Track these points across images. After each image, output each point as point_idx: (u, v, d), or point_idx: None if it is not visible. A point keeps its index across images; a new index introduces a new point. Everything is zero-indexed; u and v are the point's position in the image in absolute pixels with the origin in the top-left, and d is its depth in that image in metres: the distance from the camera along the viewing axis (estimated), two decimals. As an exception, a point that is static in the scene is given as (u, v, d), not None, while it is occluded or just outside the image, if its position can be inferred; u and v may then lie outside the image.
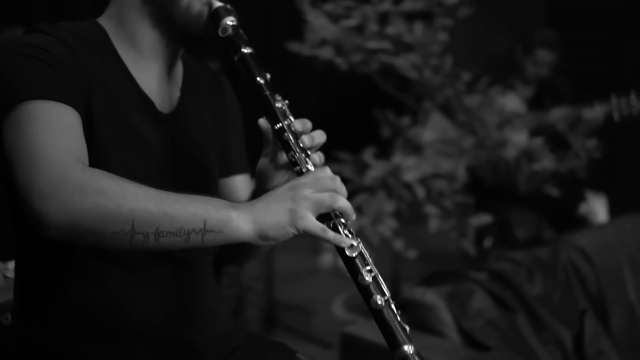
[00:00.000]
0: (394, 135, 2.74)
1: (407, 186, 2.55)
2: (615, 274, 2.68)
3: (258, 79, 1.26)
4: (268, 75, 1.27)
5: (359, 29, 2.68)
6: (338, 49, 2.58)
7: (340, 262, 1.19)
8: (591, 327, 2.40)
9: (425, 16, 2.85)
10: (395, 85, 2.81)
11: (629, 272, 2.71)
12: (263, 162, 1.32)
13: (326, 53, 2.55)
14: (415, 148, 2.83)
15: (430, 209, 2.59)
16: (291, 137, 1.23)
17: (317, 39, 2.55)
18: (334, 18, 2.68)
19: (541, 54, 3.90)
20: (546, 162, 2.70)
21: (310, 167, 1.21)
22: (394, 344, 1.15)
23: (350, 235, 1.18)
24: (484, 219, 2.64)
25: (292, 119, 1.25)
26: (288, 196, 1.15)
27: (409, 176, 2.52)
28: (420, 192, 2.52)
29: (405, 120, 2.71)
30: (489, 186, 3.26)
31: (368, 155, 2.61)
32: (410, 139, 2.70)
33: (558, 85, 4.01)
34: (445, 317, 2.20)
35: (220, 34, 1.27)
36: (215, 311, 1.46)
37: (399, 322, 1.17)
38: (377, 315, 1.16)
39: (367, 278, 1.16)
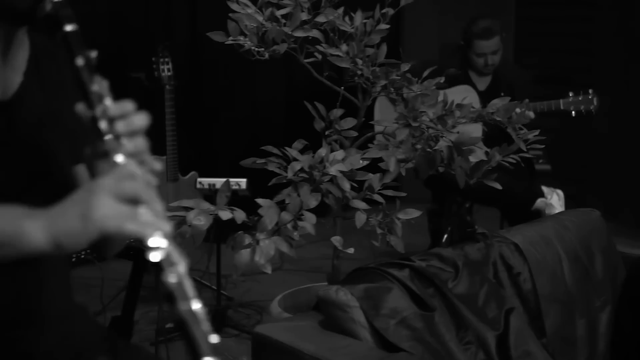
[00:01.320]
0: (326, 128, 2.65)
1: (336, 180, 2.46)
2: (552, 270, 2.58)
3: (77, 60, 1.14)
4: (93, 54, 1.14)
5: (291, 19, 2.59)
6: (262, 38, 2.49)
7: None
8: (517, 326, 2.30)
9: (368, 5, 2.76)
10: (331, 77, 2.72)
11: (568, 268, 2.61)
12: (86, 153, 1.23)
13: (248, 42, 2.46)
14: (352, 140, 2.74)
15: (359, 204, 2.50)
16: (104, 123, 1.10)
17: (238, 28, 2.46)
18: (265, 6, 2.59)
19: (478, 45, 3.81)
20: (480, 154, 2.60)
21: (121, 158, 1.08)
22: (194, 356, 1.03)
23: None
24: (413, 213, 2.54)
25: (109, 103, 1.11)
26: (82, 197, 1.04)
27: (334, 169, 2.43)
28: (346, 185, 2.43)
29: (338, 112, 2.62)
30: (426, 179, 3.18)
31: (295, 148, 2.52)
32: (342, 131, 2.62)
33: (513, 76, 3.91)
34: (358, 316, 2.11)
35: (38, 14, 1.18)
36: (63, 312, 1.38)
37: (203, 332, 1.03)
38: (180, 323, 1.04)
39: (170, 282, 1.03)
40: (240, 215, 2.38)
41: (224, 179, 3.58)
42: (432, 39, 5.09)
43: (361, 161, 2.58)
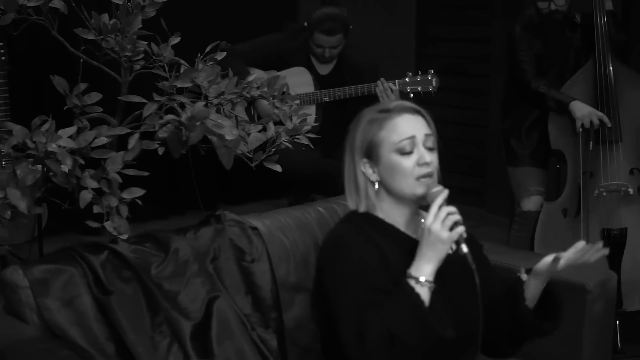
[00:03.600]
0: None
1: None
2: (304, 258, 2.41)
3: None
4: None
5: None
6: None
7: None
8: (224, 317, 2.13)
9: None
10: (87, 51, 2.57)
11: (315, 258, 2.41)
12: None
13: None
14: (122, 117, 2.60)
15: (90, 182, 2.34)
16: None
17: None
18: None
19: (318, 37, 3.64)
20: (228, 131, 2.42)
21: None
22: None
23: None
24: (137, 192, 2.36)
25: None
26: None
27: (54, 145, 2.28)
28: (68, 162, 2.28)
29: (81, 87, 2.46)
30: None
31: (34, 124, 2.38)
32: (85, 106, 2.46)
33: (359, 60, 3.73)
34: (27, 298, 1.98)
35: None
36: None
37: None
38: None
39: None
40: None
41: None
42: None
43: (103, 138, 2.42)
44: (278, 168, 2.72)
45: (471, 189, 5.25)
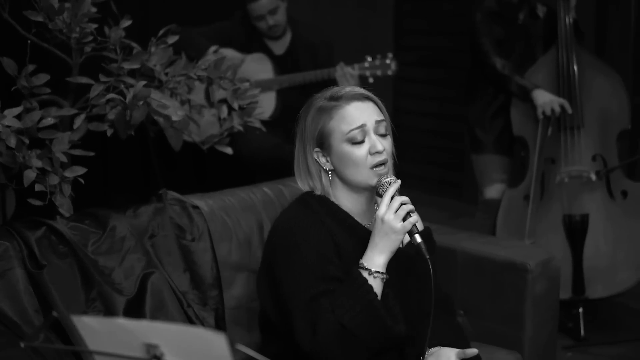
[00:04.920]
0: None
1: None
2: (247, 238, 2.44)
3: None
4: None
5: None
6: None
7: None
8: (157, 292, 2.16)
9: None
10: (37, 33, 2.60)
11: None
12: None
13: None
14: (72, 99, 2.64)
15: (35, 162, 2.37)
16: None
17: None
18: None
19: (251, 8, 3.63)
20: (174, 111, 2.44)
21: None
22: None
23: None
24: (79, 170, 2.39)
25: None
26: None
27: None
28: (12, 141, 2.31)
29: (29, 68, 2.49)
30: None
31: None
32: (33, 87, 2.49)
33: (315, 39, 3.73)
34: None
35: None
36: None
37: None
38: None
39: None
40: None
41: None
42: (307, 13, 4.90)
43: (51, 119, 2.46)
44: (229, 151, 2.74)
45: (449, 181, 5.26)
